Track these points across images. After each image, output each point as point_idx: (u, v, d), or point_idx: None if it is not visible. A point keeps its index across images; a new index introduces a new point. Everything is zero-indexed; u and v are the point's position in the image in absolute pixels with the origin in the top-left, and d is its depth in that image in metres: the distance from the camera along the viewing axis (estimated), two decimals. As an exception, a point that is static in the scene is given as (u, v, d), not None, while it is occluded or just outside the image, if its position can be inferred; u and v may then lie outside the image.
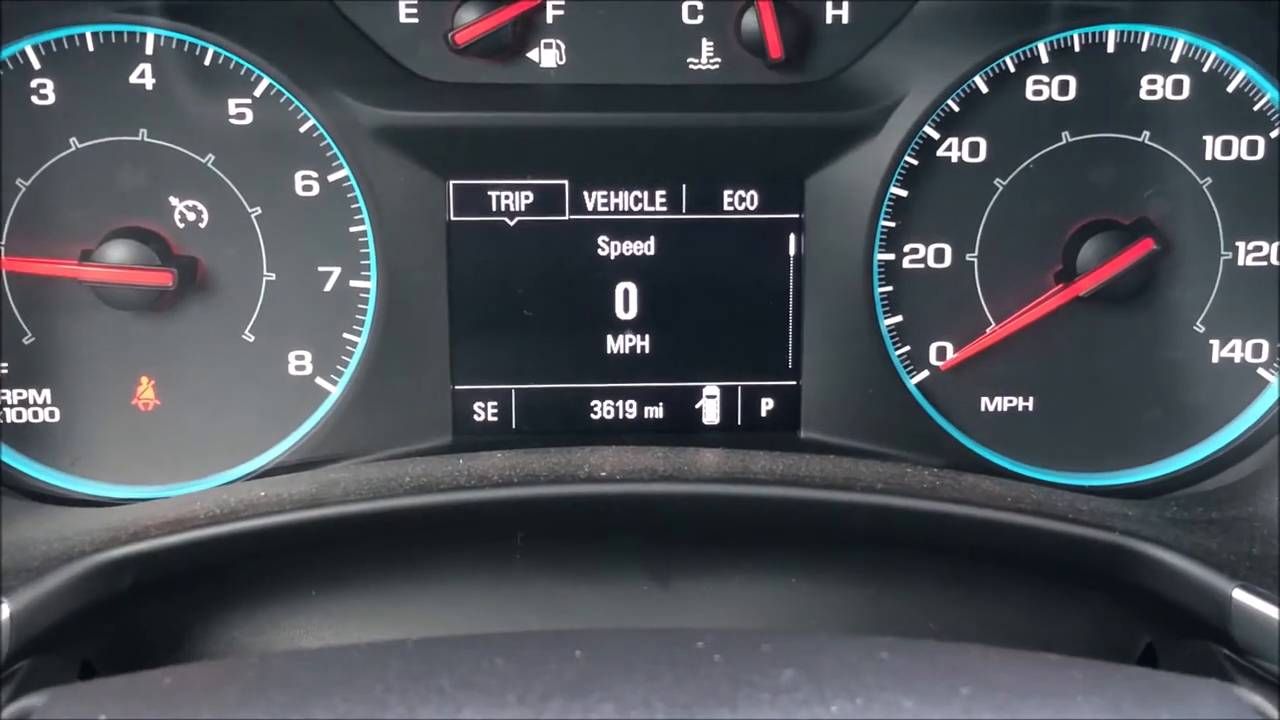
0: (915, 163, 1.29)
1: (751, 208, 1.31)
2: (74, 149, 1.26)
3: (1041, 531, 1.12)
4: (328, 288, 1.30)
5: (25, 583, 1.02)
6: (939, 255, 1.32)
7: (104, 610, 1.06)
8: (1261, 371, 1.34)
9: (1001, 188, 1.30)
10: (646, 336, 1.33)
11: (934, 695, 0.73)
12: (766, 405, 1.35)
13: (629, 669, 0.75)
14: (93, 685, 0.81)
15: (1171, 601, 1.09)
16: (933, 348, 1.34)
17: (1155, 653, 1.13)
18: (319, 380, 1.31)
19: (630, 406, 1.34)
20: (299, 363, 1.31)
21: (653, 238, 1.31)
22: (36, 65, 1.25)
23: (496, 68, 1.29)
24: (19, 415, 1.30)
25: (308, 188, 1.28)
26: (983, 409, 1.35)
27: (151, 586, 1.09)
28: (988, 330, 1.33)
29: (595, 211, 1.31)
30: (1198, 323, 1.33)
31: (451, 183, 1.29)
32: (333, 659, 0.79)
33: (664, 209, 1.31)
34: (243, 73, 1.26)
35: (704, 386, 1.34)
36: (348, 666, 0.77)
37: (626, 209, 1.31)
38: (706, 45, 1.30)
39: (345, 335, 1.31)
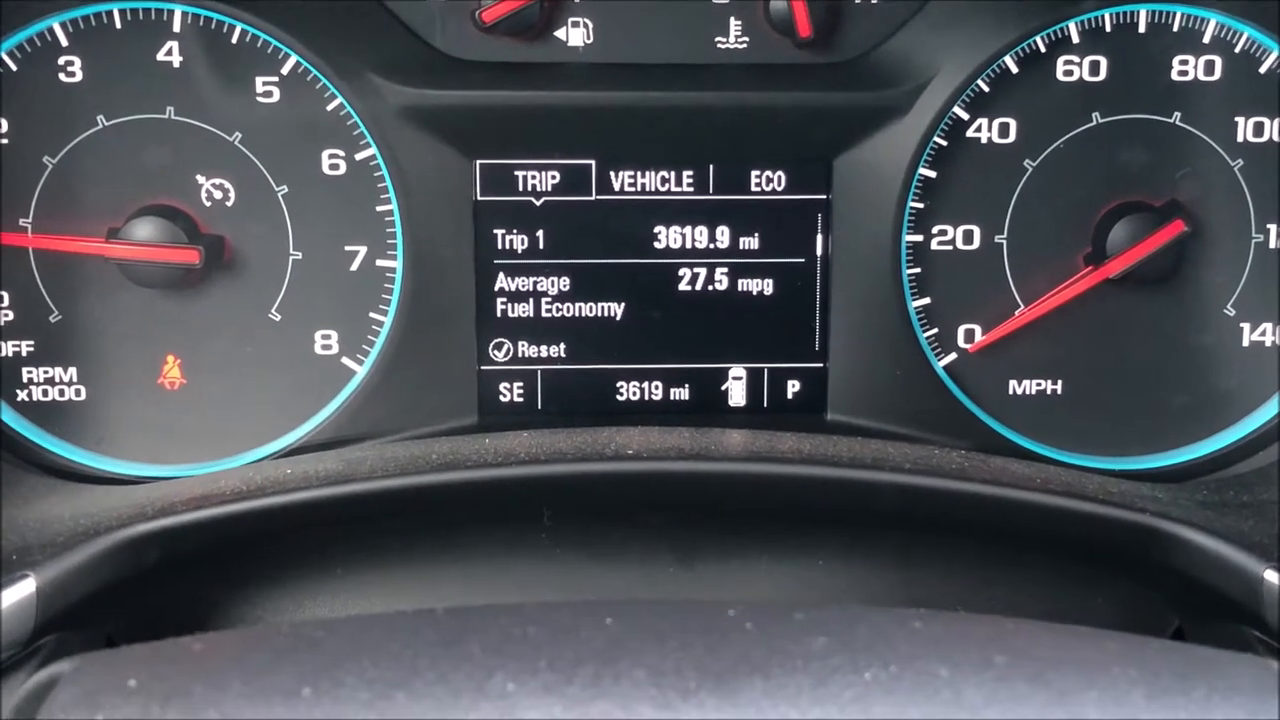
0: (944, 143, 1.29)
1: (779, 188, 1.31)
2: (101, 127, 1.26)
3: (1072, 513, 1.12)
4: (354, 267, 1.29)
5: (51, 558, 1.02)
6: (968, 237, 1.31)
7: (129, 586, 1.07)
8: (1293, 355, 1.34)
9: (1031, 169, 1.30)
10: (673, 317, 1.32)
11: (968, 664, 0.73)
12: (793, 387, 1.34)
13: (660, 637, 0.75)
14: (120, 651, 0.80)
15: (1202, 584, 1.08)
16: (960, 330, 1.33)
17: (1184, 635, 1.13)
18: (345, 360, 1.31)
19: (656, 388, 1.34)
20: (325, 342, 1.31)
21: (679, 218, 1.31)
22: (64, 42, 1.25)
23: (524, 47, 1.29)
24: (45, 393, 1.30)
25: (334, 166, 1.28)
26: (1011, 392, 1.34)
27: (177, 563, 1.09)
28: (1016, 313, 1.32)
29: (622, 192, 1.30)
30: (1228, 306, 1.32)
31: (478, 162, 1.28)
32: (363, 626, 0.78)
33: (691, 189, 1.30)
34: (270, 51, 1.26)
35: (730, 368, 1.34)
36: (378, 633, 0.76)
37: (653, 189, 1.30)
38: (735, 24, 1.29)
39: (371, 315, 1.30)
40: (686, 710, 0.69)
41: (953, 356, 1.33)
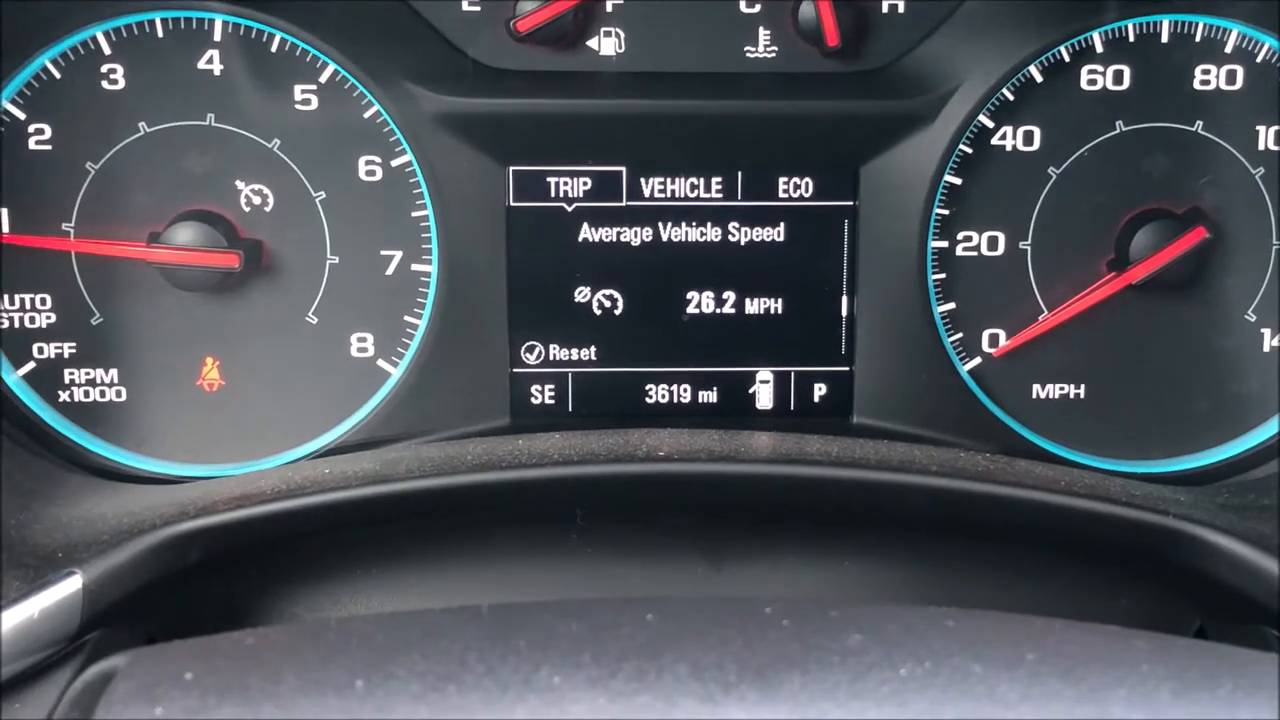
0: (969, 151, 1.31)
1: (806, 195, 1.32)
2: (143, 133, 1.28)
3: (1096, 515, 1.14)
4: (389, 271, 1.32)
5: (96, 555, 1.04)
6: (992, 243, 1.33)
7: (171, 584, 1.09)
8: (1313, 360, 1.35)
9: (1055, 176, 1.32)
10: (701, 321, 1.34)
11: (1001, 661, 0.75)
12: (819, 391, 1.36)
13: (700, 633, 0.77)
14: (174, 646, 0.83)
15: (1224, 585, 1.10)
16: (985, 335, 1.35)
17: (1206, 636, 1.14)
18: (380, 362, 1.33)
19: (685, 391, 1.36)
20: (361, 345, 1.33)
21: (708, 224, 1.33)
22: (107, 50, 1.27)
23: (557, 55, 1.31)
24: (87, 394, 1.32)
25: (371, 173, 1.30)
26: (1034, 396, 1.36)
27: (217, 561, 1.11)
28: (1040, 318, 1.34)
29: (652, 198, 1.32)
30: (1249, 311, 1.34)
31: (511, 169, 1.30)
32: (411, 621, 0.81)
33: (720, 196, 1.32)
34: (308, 59, 1.28)
35: (757, 372, 1.36)
36: (425, 628, 0.79)
37: (683, 195, 1.32)
38: (764, 34, 1.31)
39: (406, 318, 1.32)
40: (728, 704, 0.71)
41: (977, 361, 1.35)
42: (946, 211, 1.32)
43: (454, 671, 0.74)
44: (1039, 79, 1.30)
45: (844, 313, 1.34)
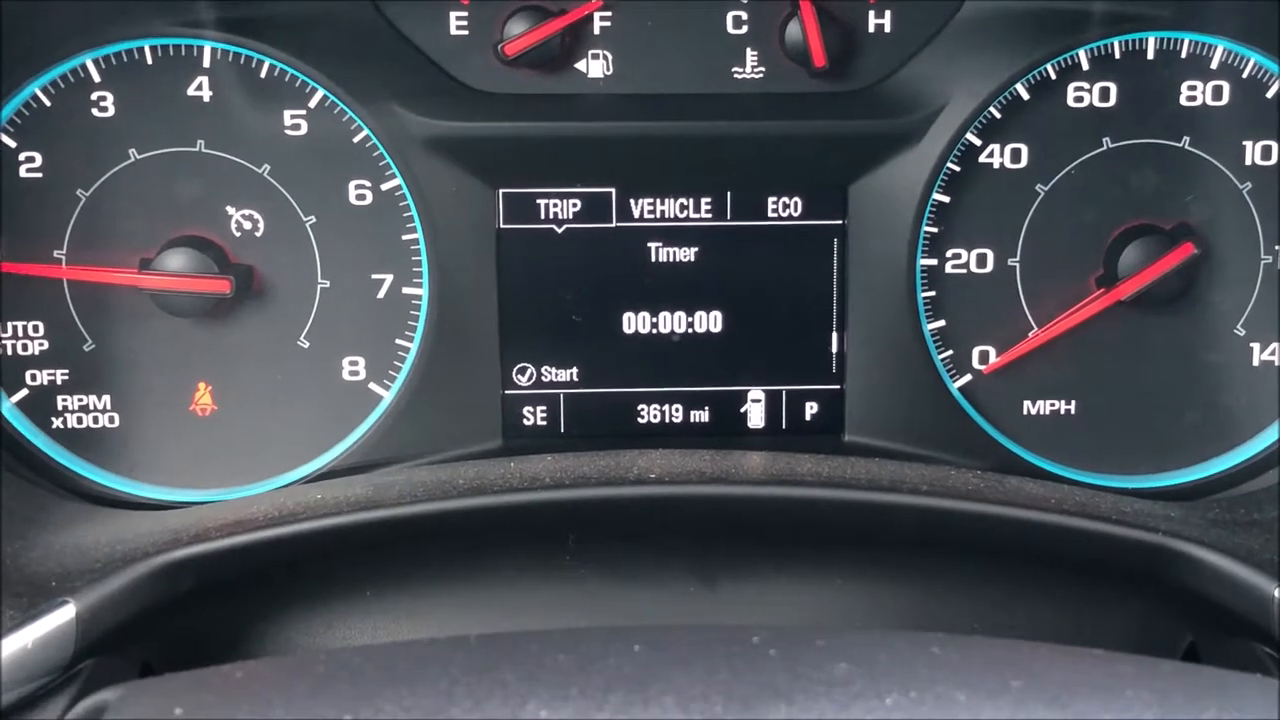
0: (957, 169, 1.31)
1: (795, 214, 1.33)
2: (133, 160, 1.29)
3: (1086, 532, 1.14)
4: (381, 295, 1.32)
5: (90, 584, 1.04)
6: (981, 260, 1.33)
7: (165, 612, 1.08)
8: (1303, 374, 1.36)
9: (1043, 193, 1.32)
10: (692, 342, 1.35)
11: (986, 689, 0.75)
12: (811, 409, 1.36)
13: (687, 663, 0.77)
14: (164, 680, 0.83)
15: (1215, 602, 1.10)
16: (975, 352, 1.35)
17: (1198, 652, 1.14)
18: (372, 385, 1.34)
19: (676, 411, 1.36)
20: (352, 368, 1.33)
21: (698, 244, 1.33)
22: (96, 78, 1.27)
23: (545, 78, 1.31)
24: (79, 421, 1.32)
25: (361, 197, 1.31)
26: (1025, 412, 1.36)
27: (211, 588, 1.11)
28: (1030, 334, 1.34)
29: (642, 219, 1.33)
30: (1238, 326, 1.34)
31: (501, 191, 1.31)
32: (399, 654, 0.81)
33: (709, 216, 1.33)
34: (297, 85, 1.29)
35: (749, 391, 1.36)
36: (414, 661, 0.79)
37: (672, 216, 1.33)
38: (751, 54, 1.32)
39: (398, 341, 1.33)
40: (714, 736, 0.72)
41: (968, 378, 1.36)
42: (935, 229, 1.32)
43: (441, 705, 0.74)
44: (1026, 97, 1.30)
45: (834, 331, 1.34)
